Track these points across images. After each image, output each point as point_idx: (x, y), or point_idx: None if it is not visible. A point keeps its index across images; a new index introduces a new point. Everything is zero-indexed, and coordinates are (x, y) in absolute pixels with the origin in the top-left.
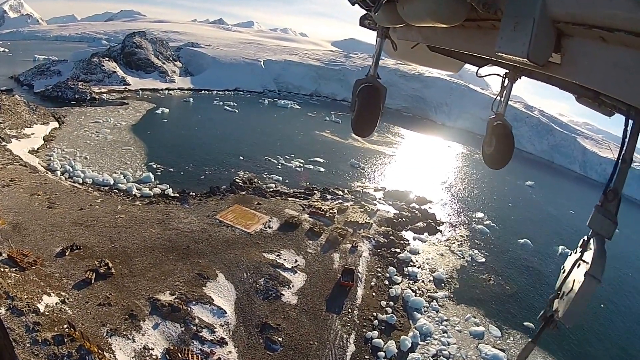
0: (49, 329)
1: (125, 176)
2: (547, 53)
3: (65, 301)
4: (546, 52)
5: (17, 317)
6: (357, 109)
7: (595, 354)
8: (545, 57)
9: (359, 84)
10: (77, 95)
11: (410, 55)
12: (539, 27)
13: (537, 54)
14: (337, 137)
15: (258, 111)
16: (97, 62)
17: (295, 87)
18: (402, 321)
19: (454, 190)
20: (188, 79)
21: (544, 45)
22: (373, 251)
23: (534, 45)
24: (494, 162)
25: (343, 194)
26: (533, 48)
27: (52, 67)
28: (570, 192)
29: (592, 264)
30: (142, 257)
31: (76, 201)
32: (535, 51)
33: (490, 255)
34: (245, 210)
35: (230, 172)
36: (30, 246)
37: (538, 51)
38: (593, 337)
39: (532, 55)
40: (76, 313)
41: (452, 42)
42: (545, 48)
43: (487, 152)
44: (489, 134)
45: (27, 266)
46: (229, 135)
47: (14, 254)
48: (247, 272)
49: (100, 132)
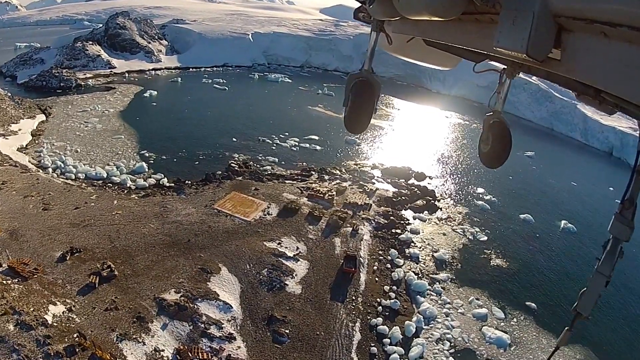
0: (59, 340)
1: (118, 168)
2: (547, 48)
3: (72, 309)
4: (546, 47)
5: (27, 332)
6: (350, 105)
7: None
8: (545, 53)
9: (352, 78)
10: (63, 84)
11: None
12: (539, 22)
13: (537, 50)
14: (331, 112)
15: (248, 87)
16: (80, 47)
17: (285, 60)
18: (405, 306)
19: (453, 164)
20: (175, 58)
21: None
22: (374, 233)
23: (534, 40)
24: (491, 161)
25: (340, 174)
26: (532, 43)
27: (34, 55)
28: (571, 162)
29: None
30: (143, 255)
31: (71, 200)
32: (534, 46)
33: (491, 233)
34: (243, 198)
35: (224, 156)
36: (29, 254)
37: (537, 46)
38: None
39: (531, 51)
40: (84, 320)
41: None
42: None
43: (483, 150)
44: (486, 132)
45: (29, 275)
46: (221, 116)
47: (15, 264)
48: (250, 263)
49: (89, 121)
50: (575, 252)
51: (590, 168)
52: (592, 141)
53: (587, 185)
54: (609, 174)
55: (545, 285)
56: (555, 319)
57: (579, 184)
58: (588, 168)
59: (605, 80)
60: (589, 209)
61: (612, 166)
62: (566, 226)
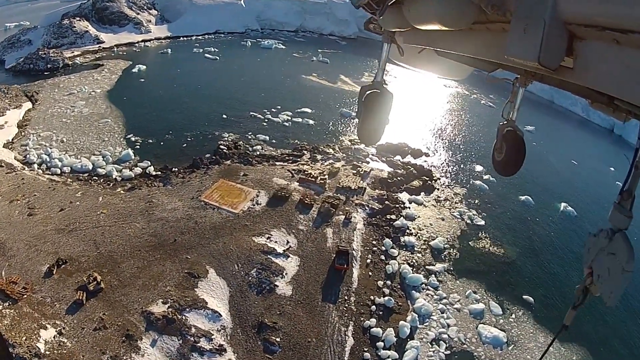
0: None
1: (104, 157)
2: (559, 57)
3: (62, 332)
4: (558, 55)
5: None
6: (362, 117)
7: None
8: (557, 61)
9: (364, 90)
10: (50, 65)
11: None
12: (550, 30)
13: (549, 58)
14: (326, 81)
15: (240, 55)
16: (67, 24)
17: (279, 24)
18: (400, 303)
19: (450, 139)
20: (165, 27)
21: (556, 48)
22: (368, 220)
23: (546, 49)
24: (505, 169)
25: (334, 152)
26: (544, 52)
27: (22, 37)
28: (571, 138)
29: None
30: (129, 261)
31: (56, 200)
32: (546, 55)
33: (489, 217)
34: (231, 186)
35: (213, 136)
36: (17, 269)
37: (550, 55)
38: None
39: (543, 59)
40: (75, 344)
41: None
42: (557, 51)
43: (497, 159)
44: (500, 140)
45: (18, 297)
46: (211, 90)
47: (3, 285)
48: (238, 263)
49: (75, 105)
50: (574, 241)
51: (591, 146)
52: (593, 117)
53: (587, 164)
54: (609, 153)
55: (542, 275)
56: (551, 313)
57: (580, 162)
58: (589, 146)
59: (619, 87)
60: (589, 191)
61: (613, 144)
62: (566, 209)
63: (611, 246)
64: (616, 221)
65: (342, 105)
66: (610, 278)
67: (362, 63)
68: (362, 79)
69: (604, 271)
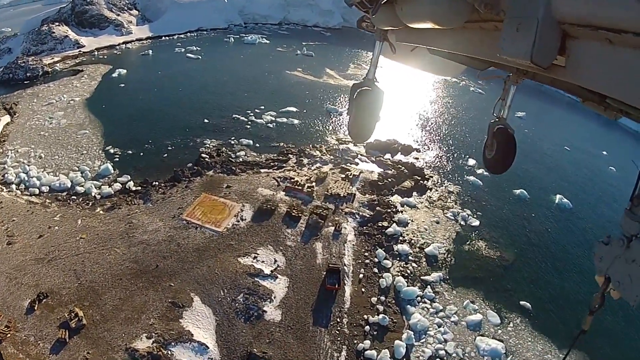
0: None
1: (82, 173)
2: (552, 55)
3: None
4: (551, 54)
5: None
6: (353, 114)
7: None
8: (549, 60)
9: (355, 87)
10: (29, 74)
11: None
12: (543, 29)
13: (542, 57)
14: (311, 76)
15: (223, 53)
16: (47, 30)
17: (262, 18)
18: (395, 319)
19: (441, 131)
20: (146, 27)
21: (549, 47)
22: (359, 230)
23: (538, 47)
24: (496, 167)
25: (321, 154)
26: (537, 50)
27: (2, 45)
28: (563, 123)
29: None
30: (111, 292)
31: (35, 225)
32: (539, 53)
33: (484, 216)
34: (214, 201)
35: (195, 143)
36: None
37: (542, 53)
38: None
39: (536, 58)
40: None
41: (452, 44)
42: (549, 50)
43: (488, 156)
44: (490, 138)
45: (1, 336)
46: (192, 93)
47: None
48: (224, 289)
49: (54, 116)
50: (570, 237)
51: (582, 130)
52: None
53: (580, 149)
54: (601, 136)
55: (539, 277)
56: (549, 319)
57: (572, 148)
58: (580, 130)
59: (610, 86)
60: (584, 179)
61: (603, 127)
62: (561, 202)
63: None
64: (629, 228)
65: (327, 101)
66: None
67: (347, 54)
68: (348, 71)
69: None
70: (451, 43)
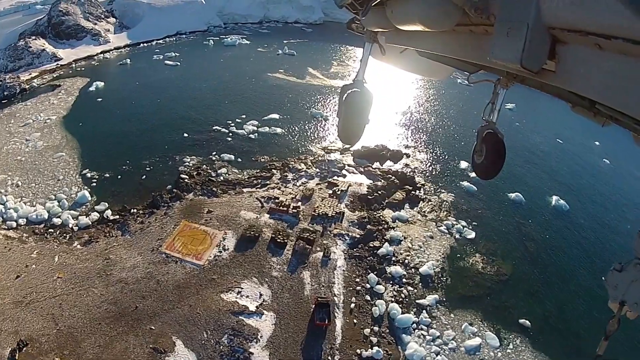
0: None
1: (59, 201)
2: (542, 60)
3: None
4: (540, 59)
5: None
6: (343, 117)
7: None
8: (539, 64)
9: (345, 89)
10: (6, 92)
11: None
12: (533, 34)
13: (531, 61)
14: (293, 78)
15: (202, 58)
16: (23, 45)
17: (242, 17)
18: (390, 351)
19: (430, 131)
20: (124, 35)
21: (538, 52)
22: (349, 253)
23: (528, 52)
24: (485, 172)
25: (306, 167)
26: (527, 55)
27: None
28: (553, 114)
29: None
30: (90, 339)
31: (12, 264)
32: (529, 58)
33: (480, 226)
34: (194, 230)
35: (174, 162)
36: None
37: (532, 58)
38: None
39: (525, 62)
40: None
41: (442, 47)
42: (539, 55)
43: (477, 162)
44: (479, 143)
45: None
46: (170, 104)
47: None
48: (207, 330)
49: (30, 138)
50: (568, 243)
51: (573, 120)
52: None
53: (572, 141)
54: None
55: (537, 291)
56: (549, 337)
57: (565, 140)
58: (571, 120)
59: (600, 91)
60: (578, 174)
61: None
62: (558, 204)
63: None
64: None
65: (311, 104)
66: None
67: (330, 51)
68: (332, 69)
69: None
70: (441, 46)
